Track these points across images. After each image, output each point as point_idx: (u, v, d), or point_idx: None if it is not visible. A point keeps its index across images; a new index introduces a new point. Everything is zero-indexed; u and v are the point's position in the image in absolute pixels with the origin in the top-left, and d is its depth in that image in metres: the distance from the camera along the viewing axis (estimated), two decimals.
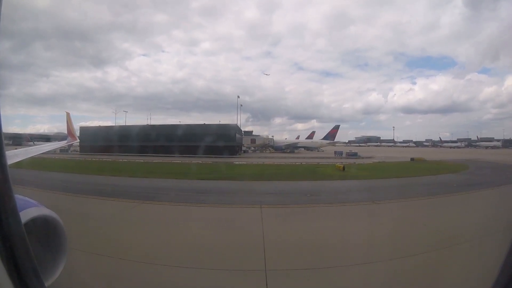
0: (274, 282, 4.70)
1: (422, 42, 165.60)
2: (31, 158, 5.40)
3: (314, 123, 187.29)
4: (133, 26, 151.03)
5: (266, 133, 72.11)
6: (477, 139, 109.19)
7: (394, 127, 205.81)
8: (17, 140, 61.25)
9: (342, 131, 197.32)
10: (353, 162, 32.58)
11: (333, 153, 47.31)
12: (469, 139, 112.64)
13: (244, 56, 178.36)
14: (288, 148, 61.20)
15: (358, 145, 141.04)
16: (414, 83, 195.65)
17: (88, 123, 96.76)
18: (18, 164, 4.51)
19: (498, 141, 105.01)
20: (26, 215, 1.87)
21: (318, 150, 62.91)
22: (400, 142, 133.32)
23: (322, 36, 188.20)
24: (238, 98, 58.90)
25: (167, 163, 29.71)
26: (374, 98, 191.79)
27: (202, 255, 5.78)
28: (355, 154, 43.31)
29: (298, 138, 75.05)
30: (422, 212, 10.12)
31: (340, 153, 45.74)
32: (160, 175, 19.37)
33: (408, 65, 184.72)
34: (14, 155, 4.62)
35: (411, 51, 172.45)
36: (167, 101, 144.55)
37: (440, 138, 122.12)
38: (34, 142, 54.61)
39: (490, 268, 1.94)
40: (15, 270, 1.44)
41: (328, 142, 66.96)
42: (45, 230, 2.08)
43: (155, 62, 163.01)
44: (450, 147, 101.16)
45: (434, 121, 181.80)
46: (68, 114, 11.95)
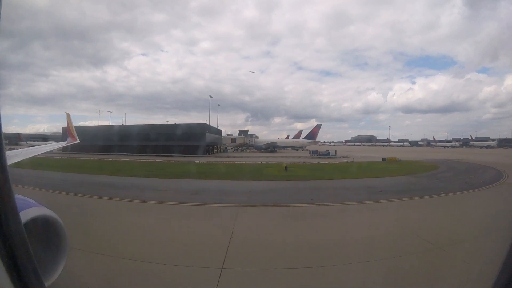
0: None
1: (421, 42, 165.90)
2: (31, 158, 5.35)
3: (313, 123, 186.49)
4: (132, 25, 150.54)
5: (266, 132, 72.13)
6: (470, 139, 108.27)
7: (390, 127, 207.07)
8: (12, 139, 60.84)
9: (341, 131, 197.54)
10: (317, 162, 31.53)
11: (313, 152, 47.02)
12: (466, 139, 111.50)
13: (243, 55, 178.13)
14: (269, 147, 60.68)
15: (353, 144, 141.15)
16: (414, 83, 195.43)
17: (87, 123, 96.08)
18: (18, 164, 4.47)
19: (493, 140, 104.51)
20: (26, 215, 1.85)
21: (303, 150, 62.42)
22: (395, 142, 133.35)
23: (321, 35, 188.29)
24: (211, 98, 59.23)
25: (121, 162, 29.96)
26: (374, 97, 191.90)
27: None
28: (328, 153, 43.04)
29: (288, 137, 74.79)
30: (294, 220, 9.49)
31: (315, 152, 45.84)
32: (96, 172, 20.01)
33: (407, 64, 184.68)
34: (14, 155, 4.59)
35: (411, 51, 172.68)
36: (166, 100, 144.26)
37: (433, 138, 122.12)
38: (26, 142, 54.26)
39: (491, 268, 1.94)
40: (15, 270, 1.43)
41: (309, 141, 66.43)
42: (45, 230, 2.05)
43: (154, 62, 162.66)
44: (444, 147, 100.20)
45: (434, 120, 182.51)
46: (68, 115, 11.89)
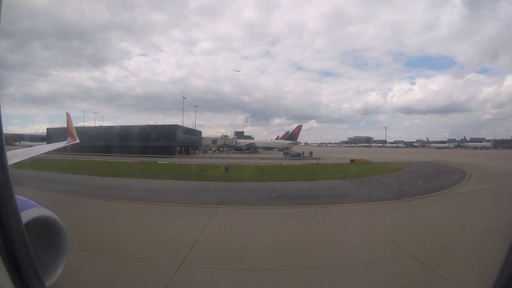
0: None
1: (421, 42, 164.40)
2: (31, 158, 5.32)
3: (313, 124, 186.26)
4: (131, 25, 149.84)
5: (266, 133, 71.72)
6: (464, 139, 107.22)
7: (386, 128, 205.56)
8: (7, 140, 60.07)
9: (341, 131, 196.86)
10: (278, 164, 30.45)
11: (289, 153, 46.87)
12: (464, 139, 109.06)
13: (242, 55, 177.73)
14: (249, 148, 59.90)
15: (349, 145, 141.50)
16: (413, 83, 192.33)
17: (87, 123, 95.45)
18: (18, 164, 4.44)
19: (488, 141, 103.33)
20: (26, 216, 1.84)
21: (288, 150, 62.15)
22: (390, 143, 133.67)
23: (321, 35, 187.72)
24: (184, 99, 59.41)
25: (80, 161, 30.10)
26: (373, 98, 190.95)
27: None
28: (299, 155, 42.71)
29: (278, 138, 73.74)
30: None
31: (287, 153, 46.16)
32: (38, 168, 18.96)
33: (407, 65, 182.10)
34: (15, 156, 4.56)
35: (410, 51, 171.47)
36: (166, 101, 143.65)
37: (427, 139, 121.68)
38: (20, 143, 53.95)
39: (491, 268, 1.93)
40: (16, 270, 1.42)
41: (290, 142, 65.07)
42: (45, 230, 2.04)
43: (154, 62, 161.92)
44: (438, 148, 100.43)
45: (433, 121, 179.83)
46: (68, 115, 11.83)
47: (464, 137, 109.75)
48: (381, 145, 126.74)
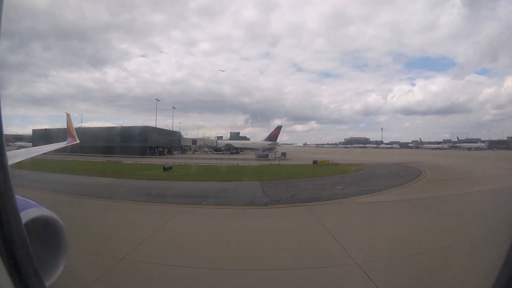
0: None
1: (421, 42, 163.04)
2: (31, 158, 5.27)
3: (313, 125, 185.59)
4: (131, 26, 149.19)
5: (266, 134, 71.10)
6: (457, 140, 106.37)
7: (382, 128, 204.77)
8: None
9: (341, 132, 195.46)
10: (236, 164, 29.87)
11: (261, 153, 46.59)
12: (457, 140, 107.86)
13: (242, 56, 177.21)
14: (228, 149, 59.22)
15: (344, 146, 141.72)
16: (414, 84, 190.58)
17: (87, 124, 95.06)
18: (19, 164, 4.40)
19: (483, 142, 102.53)
20: (26, 216, 1.81)
21: (271, 151, 62.14)
22: (386, 144, 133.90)
23: (321, 36, 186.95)
24: (158, 101, 60.36)
25: (54, 160, 29.51)
26: (373, 99, 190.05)
27: None
28: (266, 155, 42.79)
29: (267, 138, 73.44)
30: None
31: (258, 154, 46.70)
32: None
33: (407, 66, 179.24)
34: (15, 156, 4.52)
35: (410, 52, 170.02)
36: (166, 102, 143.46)
37: (420, 140, 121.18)
38: (14, 143, 53.50)
39: (490, 268, 1.90)
40: (16, 270, 1.40)
41: (269, 143, 64.44)
42: (45, 230, 2.01)
43: (154, 63, 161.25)
44: (432, 149, 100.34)
45: (434, 122, 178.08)
46: (68, 115, 11.72)
47: (457, 137, 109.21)
48: (375, 146, 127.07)
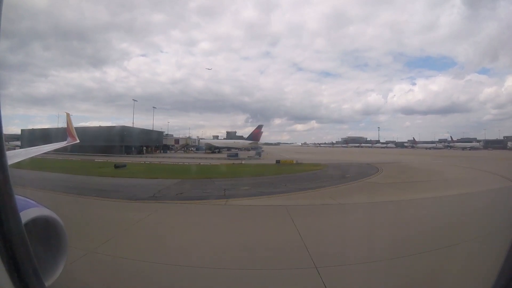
0: None
1: (421, 42, 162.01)
2: (31, 158, 5.22)
3: (313, 124, 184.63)
4: (131, 26, 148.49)
5: (266, 133, 70.89)
6: (451, 140, 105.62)
7: (379, 128, 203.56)
8: None
9: (341, 132, 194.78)
10: (198, 163, 29.21)
11: (231, 153, 45.97)
12: (451, 140, 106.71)
13: (242, 56, 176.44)
14: (210, 148, 58.94)
15: (341, 146, 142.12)
16: (414, 84, 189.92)
17: (88, 124, 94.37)
18: (19, 164, 4.35)
19: (479, 141, 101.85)
20: (26, 215, 1.79)
21: (262, 150, 61.03)
22: (382, 143, 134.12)
23: (321, 36, 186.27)
24: (135, 101, 61.58)
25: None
26: (374, 98, 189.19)
27: None
28: (236, 155, 42.48)
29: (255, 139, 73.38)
30: None
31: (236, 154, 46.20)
32: None
33: (407, 65, 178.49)
34: (15, 155, 4.47)
35: (411, 51, 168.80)
36: (166, 101, 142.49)
37: (413, 139, 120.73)
38: (8, 143, 53.20)
39: (490, 268, 1.87)
40: (16, 270, 1.38)
41: (250, 142, 63.24)
42: (45, 230, 1.99)
43: (154, 63, 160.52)
44: (426, 148, 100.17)
45: (434, 121, 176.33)
46: (68, 115, 11.64)
47: (451, 137, 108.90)
48: (370, 145, 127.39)
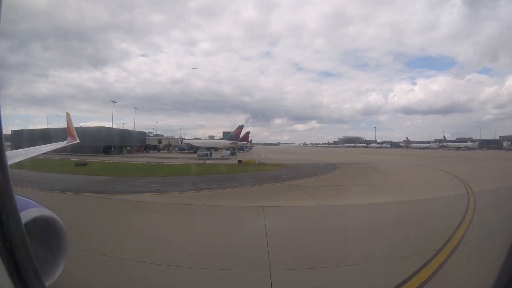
0: None
1: (421, 42, 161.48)
2: (31, 158, 5.17)
3: (314, 124, 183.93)
4: (130, 26, 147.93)
5: (267, 133, 70.94)
6: (444, 140, 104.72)
7: (375, 128, 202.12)
8: None
9: (341, 132, 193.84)
10: (161, 163, 29.23)
11: (201, 153, 45.10)
12: (444, 139, 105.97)
13: (242, 56, 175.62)
14: (191, 148, 58.59)
15: (336, 146, 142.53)
16: (414, 84, 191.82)
17: (88, 124, 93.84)
18: (19, 164, 4.30)
19: (474, 141, 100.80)
20: (26, 216, 1.77)
21: (248, 150, 60.83)
22: (379, 143, 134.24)
23: (321, 36, 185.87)
24: (114, 102, 62.87)
25: None
26: (374, 98, 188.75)
27: None
28: (206, 154, 42.45)
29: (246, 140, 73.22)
30: None
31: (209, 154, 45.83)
32: None
33: (408, 65, 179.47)
34: (15, 156, 4.43)
35: (411, 51, 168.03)
36: (166, 101, 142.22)
37: (407, 138, 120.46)
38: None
39: (490, 268, 1.85)
40: (16, 270, 1.36)
41: (230, 142, 62.96)
42: (45, 230, 1.97)
43: (154, 63, 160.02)
44: (420, 148, 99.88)
45: (434, 121, 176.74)
46: (68, 115, 11.54)
47: (444, 137, 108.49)
48: (365, 145, 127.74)
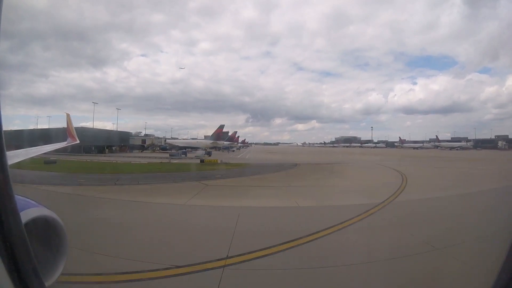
0: None
1: (421, 42, 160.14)
2: (31, 158, 5.11)
3: (314, 124, 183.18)
4: (130, 26, 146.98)
5: (267, 133, 71.00)
6: (437, 139, 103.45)
7: (372, 127, 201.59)
8: None
9: (342, 131, 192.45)
10: (128, 162, 28.61)
11: (173, 153, 45.17)
12: (436, 139, 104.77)
13: (243, 56, 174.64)
14: (173, 148, 57.86)
15: (332, 145, 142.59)
16: (415, 83, 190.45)
17: (88, 124, 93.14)
18: (19, 164, 4.26)
19: (469, 141, 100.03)
20: (26, 215, 1.75)
21: (233, 150, 60.62)
22: (374, 142, 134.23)
23: (321, 35, 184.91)
24: (96, 104, 62.19)
25: None
26: (374, 98, 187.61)
27: None
28: (178, 154, 42.76)
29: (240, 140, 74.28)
30: None
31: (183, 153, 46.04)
32: None
33: (408, 65, 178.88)
34: (15, 155, 4.39)
35: (411, 51, 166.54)
36: (167, 101, 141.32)
37: (400, 138, 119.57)
38: None
39: (490, 268, 1.84)
40: (15, 270, 1.34)
41: (211, 142, 62.69)
42: (45, 230, 1.94)
43: (154, 63, 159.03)
44: (414, 148, 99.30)
45: (435, 121, 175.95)
46: (68, 115, 11.45)
47: (436, 136, 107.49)
48: (359, 145, 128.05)
